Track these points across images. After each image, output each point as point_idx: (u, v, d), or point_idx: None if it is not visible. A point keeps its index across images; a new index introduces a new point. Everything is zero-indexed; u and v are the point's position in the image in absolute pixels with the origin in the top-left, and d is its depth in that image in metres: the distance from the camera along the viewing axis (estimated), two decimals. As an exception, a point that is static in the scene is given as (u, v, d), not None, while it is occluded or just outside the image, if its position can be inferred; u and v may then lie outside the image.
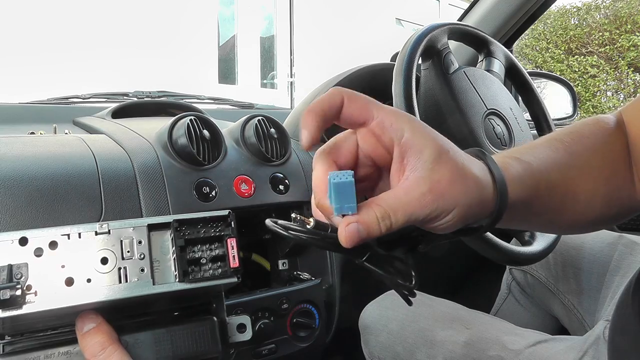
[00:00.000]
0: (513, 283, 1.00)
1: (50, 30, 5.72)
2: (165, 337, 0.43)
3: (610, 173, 0.51)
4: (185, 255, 0.41)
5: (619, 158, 0.52)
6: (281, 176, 0.82)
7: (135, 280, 0.39)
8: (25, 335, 0.41)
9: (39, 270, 0.37)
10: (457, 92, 0.83)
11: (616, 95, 9.06)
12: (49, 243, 0.38)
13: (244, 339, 0.48)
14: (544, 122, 0.96)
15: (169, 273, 0.41)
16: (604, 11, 8.99)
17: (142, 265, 0.40)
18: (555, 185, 0.47)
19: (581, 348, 0.65)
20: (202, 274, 0.41)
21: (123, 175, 0.69)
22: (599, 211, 0.51)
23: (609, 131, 0.53)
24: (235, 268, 0.42)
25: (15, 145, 0.68)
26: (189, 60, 6.87)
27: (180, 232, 0.41)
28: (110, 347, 0.39)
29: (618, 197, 0.52)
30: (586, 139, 0.52)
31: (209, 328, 0.44)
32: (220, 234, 0.43)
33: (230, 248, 0.43)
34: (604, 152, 0.52)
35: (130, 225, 0.41)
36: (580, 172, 0.49)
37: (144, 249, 0.40)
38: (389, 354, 0.77)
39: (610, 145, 0.52)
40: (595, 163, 0.51)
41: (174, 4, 6.81)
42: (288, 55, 7.98)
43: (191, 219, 0.42)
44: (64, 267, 0.38)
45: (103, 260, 0.39)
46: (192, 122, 0.75)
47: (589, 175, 0.50)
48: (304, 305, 0.81)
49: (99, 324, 0.39)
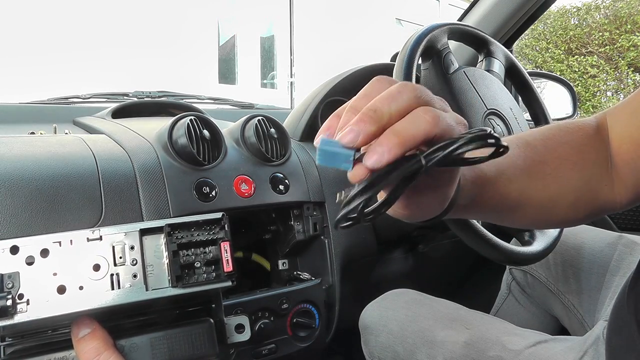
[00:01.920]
0: (513, 283, 1.00)
1: (51, 31, 5.72)
2: (161, 341, 0.42)
3: (581, 182, 0.52)
4: (179, 259, 0.41)
5: (593, 166, 0.53)
6: (281, 176, 0.82)
7: (128, 286, 0.39)
8: (25, 336, 0.41)
9: (30, 278, 0.37)
10: (457, 92, 0.83)
11: (616, 95, 9.06)
12: (40, 251, 0.38)
13: (243, 339, 0.48)
14: (544, 122, 0.96)
15: (163, 277, 0.40)
16: (604, 11, 8.99)
17: (134, 271, 0.40)
18: (507, 192, 0.48)
19: (581, 348, 0.65)
20: (197, 278, 0.41)
21: (123, 175, 0.69)
22: (564, 215, 0.52)
23: (587, 139, 0.54)
24: (230, 272, 0.42)
25: (15, 145, 0.68)
26: (189, 61, 6.86)
27: (173, 236, 0.41)
28: (105, 352, 0.39)
29: (590, 201, 0.52)
30: (560, 146, 0.52)
31: (205, 330, 0.44)
32: (214, 238, 0.42)
33: (224, 252, 0.42)
34: (576, 161, 0.52)
35: (122, 230, 0.40)
36: (544, 182, 0.50)
37: (136, 255, 0.40)
38: (389, 354, 0.77)
39: (585, 154, 0.53)
40: (564, 173, 0.51)
41: (174, 4, 6.81)
42: (288, 55, 7.99)
43: (184, 222, 0.42)
44: (56, 274, 0.38)
45: (95, 267, 0.39)
46: (192, 122, 0.75)
47: (555, 184, 0.51)
48: (304, 305, 0.81)
49: (94, 329, 0.39)
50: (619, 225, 1.21)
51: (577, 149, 0.53)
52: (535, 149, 0.51)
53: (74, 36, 5.85)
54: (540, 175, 0.50)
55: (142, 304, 0.40)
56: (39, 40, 5.60)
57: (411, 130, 0.32)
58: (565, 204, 0.51)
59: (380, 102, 0.33)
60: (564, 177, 0.51)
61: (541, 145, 0.52)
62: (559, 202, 0.51)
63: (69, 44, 5.78)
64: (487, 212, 0.51)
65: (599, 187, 0.52)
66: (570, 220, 0.54)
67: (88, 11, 6.01)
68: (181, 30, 6.84)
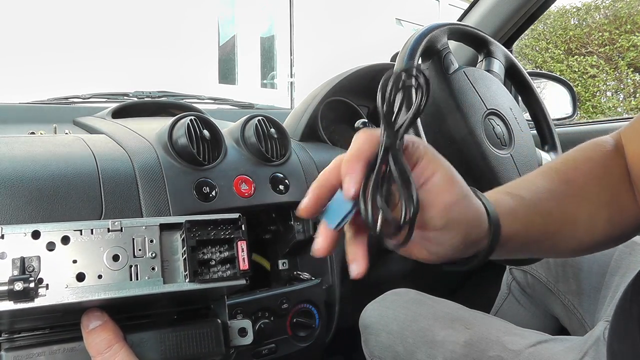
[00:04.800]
0: (513, 283, 1.00)
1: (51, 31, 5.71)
2: (170, 337, 0.43)
3: (611, 197, 0.52)
4: (196, 256, 0.41)
5: (619, 181, 0.53)
6: (281, 176, 0.82)
7: (146, 278, 0.40)
8: (22, 334, 0.41)
9: (50, 264, 0.37)
10: (457, 92, 0.83)
11: (616, 95, 9.06)
12: (61, 238, 0.38)
13: (245, 343, 0.49)
14: (544, 122, 0.96)
15: (178, 273, 0.41)
16: (603, 11, 8.99)
17: (153, 264, 0.40)
18: (550, 214, 0.48)
19: (581, 349, 0.65)
20: (211, 275, 0.42)
21: (123, 175, 0.69)
22: (602, 234, 0.52)
23: (608, 154, 0.54)
24: (245, 270, 0.43)
25: (15, 145, 0.68)
26: (189, 61, 6.86)
27: (191, 232, 0.42)
28: (116, 345, 0.39)
29: (621, 218, 0.52)
30: (583, 164, 0.53)
31: (213, 330, 0.45)
32: (230, 237, 0.43)
33: (240, 250, 0.43)
34: (602, 176, 0.52)
35: (142, 224, 0.41)
36: (577, 199, 0.50)
37: (155, 248, 0.40)
38: (389, 354, 0.77)
39: (609, 168, 0.53)
40: (593, 189, 0.51)
41: (174, 4, 6.81)
42: (288, 55, 7.99)
43: (202, 220, 0.42)
44: (76, 262, 0.38)
45: (115, 257, 0.39)
46: (192, 122, 0.75)
47: (587, 201, 0.50)
48: (304, 305, 0.81)
49: (105, 321, 0.39)
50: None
51: (599, 163, 0.53)
52: (558, 171, 0.52)
53: (74, 36, 5.85)
54: (571, 193, 0.50)
55: (158, 296, 0.40)
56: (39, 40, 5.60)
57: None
58: (602, 220, 0.51)
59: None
60: (594, 192, 0.51)
61: (563, 166, 0.53)
62: (596, 219, 0.51)
63: (69, 44, 5.77)
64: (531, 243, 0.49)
65: (627, 204, 0.52)
66: (609, 240, 0.53)
67: (88, 11, 6.01)
68: (181, 30, 6.84)
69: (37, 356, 0.39)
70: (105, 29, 6.09)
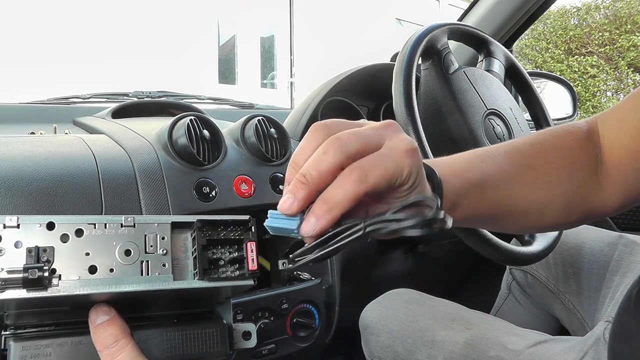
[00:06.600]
0: (513, 283, 1.00)
1: (51, 31, 5.72)
2: (176, 335, 0.43)
3: (571, 186, 0.52)
4: (206, 254, 0.42)
5: (585, 170, 0.53)
6: (281, 176, 0.82)
7: (157, 274, 0.40)
8: (27, 329, 0.41)
9: (64, 255, 0.38)
10: (457, 92, 0.83)
11: (616, 95, 9.06)
12: (75, 230, 0.39)
13: (249, 346, 0.49)
14: (544, 122, 0.96)
15: (187, 271, 0.42)
16: (603, 11, 8.99)
17: (163, 260, 0.41)
18: (496, 199, 0.49)
19: (581, 349, 0.65)
20: (220, 274, 0.42)
21: (123, 175, 0.69)
22: (555, 220, 0.52)
23: (578, 143, 0.54)
24: (254, 270, 0.44)
25: (15, 145, 0.68)
26: (189, 61, 6.87)
27: (202, 232, 0.42)
28: (122, 340, 0.39)
29: (579, 206, 0.52)
30: (549, 152, 0.53)
31: (219, 330, 0.45)
32: (239, 238, 0.44)
33: (249, 251, 0.44)
34: (566, 166, 0.52)
35: (155, 221, 0.41)
36: (534, 187, 0.50)
37: (166, 245, 0.41)
38: (389, 354, 0.77)
39: (577, 158, 0.53)
40: (553, 178, 0.51)
41: (174, 4, 6.81)
42: (288, 56, 8.00)
43: (213, 220, 0.43)
44: (89, 254, 0.39)
45: (127, 252, 0.40)
46: (192, 122, 0.75)
47: (545, 189, 0.51)
48: (304, 305, 0.81)
49: (113, 317, 0.40)
50: (619, 225, 1.21)
51: (566, 152, 0.53)
52: (523, 154, 0.52)
53: (74, 36, 5.85)
54: (529, 180, 0.50)
55: (168, 293, 0.40)
56: (39, 40, 5.60)
57: (339, 195, 0.35)
58: (556, 208, 0.51)
59: (309, 166, 0.37)
60: (553, 181, 0.51)
61: (529, 150, 0.52)
62: (549, 206, 0.51)
63: (69, 44, 5.77)
64: (477, 220, 0.51)
65: (589, 192, 0.52)
66: (561, 224, 0.54)
67: (88, 11, 6.01)
68: (181, 31, 6.84)
69: (45, 347, 0.40)
70: (105, 29, 6.10)
